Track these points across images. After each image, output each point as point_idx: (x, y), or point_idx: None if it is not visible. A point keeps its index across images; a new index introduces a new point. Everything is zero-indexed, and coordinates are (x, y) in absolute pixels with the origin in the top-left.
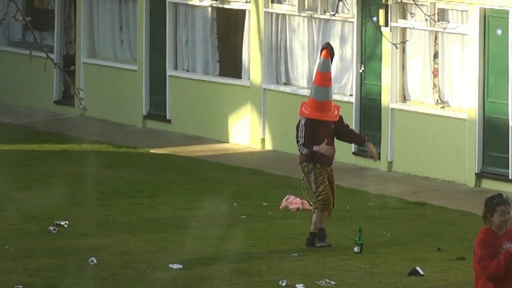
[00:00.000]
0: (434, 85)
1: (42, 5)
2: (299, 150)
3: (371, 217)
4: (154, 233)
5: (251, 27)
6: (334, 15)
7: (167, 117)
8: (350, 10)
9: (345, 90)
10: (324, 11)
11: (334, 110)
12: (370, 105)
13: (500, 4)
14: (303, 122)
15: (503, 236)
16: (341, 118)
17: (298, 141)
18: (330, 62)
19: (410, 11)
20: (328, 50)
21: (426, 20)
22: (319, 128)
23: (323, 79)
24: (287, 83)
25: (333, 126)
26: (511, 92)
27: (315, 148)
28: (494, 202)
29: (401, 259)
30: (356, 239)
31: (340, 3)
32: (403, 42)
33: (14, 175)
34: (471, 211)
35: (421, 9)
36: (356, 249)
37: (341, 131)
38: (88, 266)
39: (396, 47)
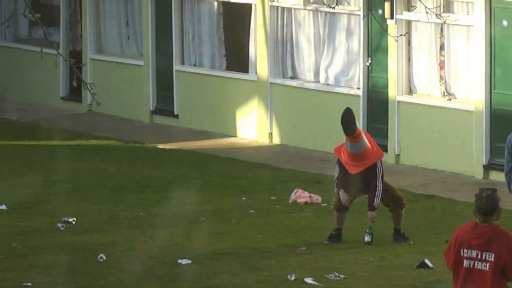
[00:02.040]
0: (441, 77)
1: (48, 1)
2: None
3: (379, 209)
4: (162, 229)
5: (257, 21)
6: (334, 7)
7: (175, 112)
8: (356, 3)
9: (352, 83)
10: (327, 5)
11: (368, 159)
12: (377, 98)
13: None
14: (337, 159)
15: None
16: (375, 172)
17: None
18: (350, 126)
19: (414, 5)
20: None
21: (427, 13)
22: (347, 171)
23: (348, 139)
24: (294, 77)
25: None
26: None
27: (340, 192)
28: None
29: (410, 251)
30: (367, 229)
31: None
32: (402, 35)
33: (19, 172)
34: None
35: (422, 3)
36: (367, 238)
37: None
38: (96, 262)
39: (395, 40)
